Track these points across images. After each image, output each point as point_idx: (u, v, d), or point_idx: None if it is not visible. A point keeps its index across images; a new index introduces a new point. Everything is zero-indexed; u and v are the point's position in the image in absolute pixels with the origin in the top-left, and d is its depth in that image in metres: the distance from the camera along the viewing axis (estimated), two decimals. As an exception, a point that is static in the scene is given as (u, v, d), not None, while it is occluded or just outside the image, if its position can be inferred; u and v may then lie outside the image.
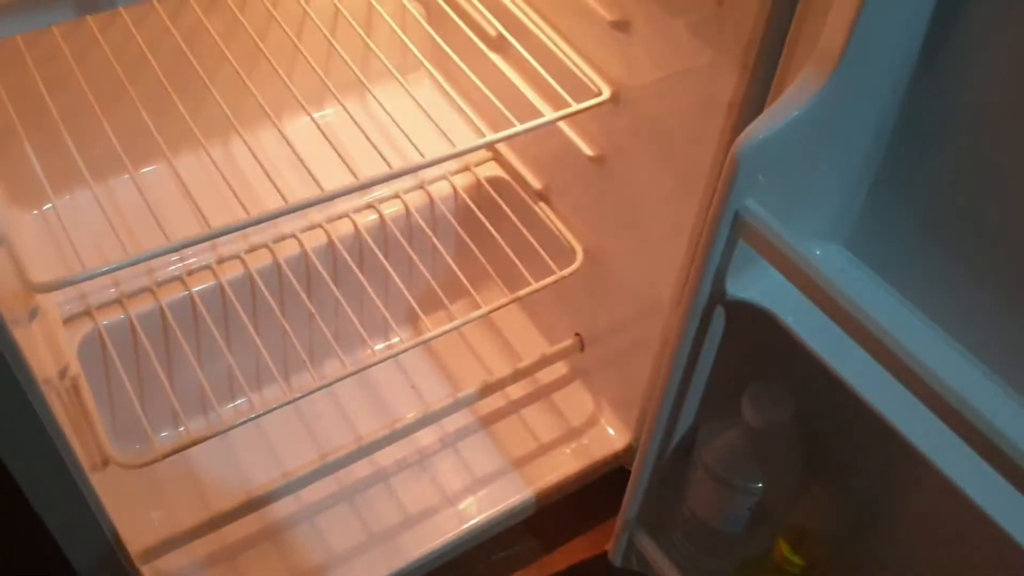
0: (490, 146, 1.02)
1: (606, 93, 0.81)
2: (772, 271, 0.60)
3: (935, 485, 0.63)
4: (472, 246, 0.96)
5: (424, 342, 0.88)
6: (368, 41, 0.86)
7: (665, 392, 0.71)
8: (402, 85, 0.82)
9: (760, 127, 0.57)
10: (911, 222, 0.63)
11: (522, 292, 0.91)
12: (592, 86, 0.82)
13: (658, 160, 0.82)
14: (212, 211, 0.71)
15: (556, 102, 0.83)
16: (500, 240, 0.96)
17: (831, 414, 0.73)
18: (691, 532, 0.82)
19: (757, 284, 0.64)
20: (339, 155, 0.76)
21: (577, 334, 1.03)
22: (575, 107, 0.80)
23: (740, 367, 0.73)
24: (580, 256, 0.94)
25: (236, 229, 0.72)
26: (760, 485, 0.73)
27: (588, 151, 0.88)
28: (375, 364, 0.87)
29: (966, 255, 0.61)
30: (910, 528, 0.74)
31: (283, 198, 0.72)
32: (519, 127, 0.79)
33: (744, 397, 0.71)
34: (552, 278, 0.92)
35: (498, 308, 0.90)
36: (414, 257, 0.95)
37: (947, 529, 0.71)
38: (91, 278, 0.66)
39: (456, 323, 0.89)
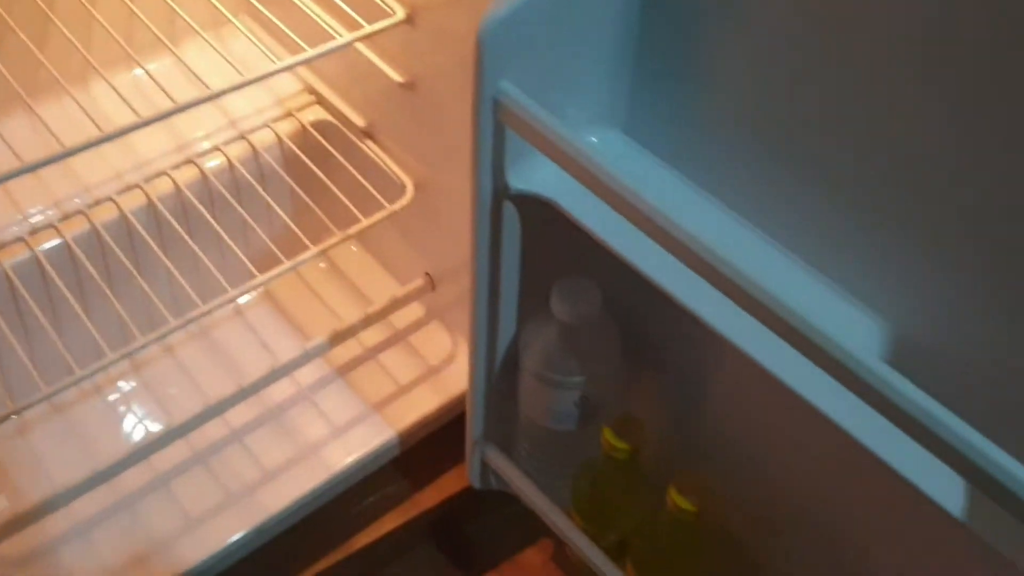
0: (310, 89, 1.01)
1: (400, 13, 0.80)
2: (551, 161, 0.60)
3: (736, 362, 0.64)
4: (303, 194, 0.95)
5: (258, 286, 0.87)
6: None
7: (475, 297, 0.71)
8: (202, 37, 0.80)
9: (500, 6, 0.56)
10: (676, 102, 0.64)
11: (352, 230, 0.90)
12: (385, 7, 0.81)
13: (463, 79, 0.81)
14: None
15: (355, 28, 0.82)
16: (331, 185, 0.94)
17: (643, 302, 0.73)
18: (533, 439, 0.83)
19: (539, 175, 0.64)
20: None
21: (427, 273, 1.02)
22: (368, 28, 0.80)
23: (552, 265, 0.73)
24: (410, 190, 0.93)
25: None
26: (580, 378, 0.73)
27: (397, 78, 0.87)
28: (209, 311, 0.85)
29: (736, 130, 0.62)
30: (722, 407, 0.75)
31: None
32: (311, 52, 0.77)
33: (552, 293, 0.71)
34: (382, 213, 0.91)
35: (330, 247, 0.89)
36: (243, 212, 0.93)
37: (751, 404, 0.72)
38: None
39: (288, 265, 0.87)
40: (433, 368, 1.02)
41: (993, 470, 0.42)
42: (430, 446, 0.99)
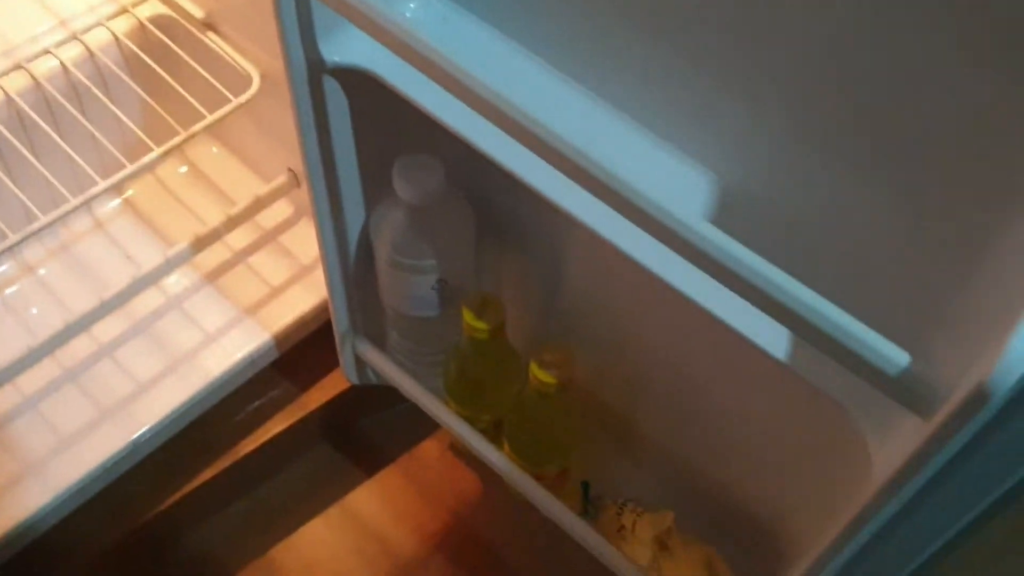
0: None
1: None
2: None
3: (584, 232, 0.63)
4: (147, 97, 0.90)
5: (101, 192, 0.83)
6: None
7: (311, 184, 0.69)
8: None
9: None
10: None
11: (197, 127, 0.86)
12: None
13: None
14: None
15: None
16: (175, 84, 0.90)
17: (489, 177, 0.71)
18: (400, 328, 0.81)
19: (357, 46, 0.61)
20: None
21: (290, 169, 0.99)
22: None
23: (393, 143, 0.70)
24: (256, 80, 0.89)
25: None
26: (434, 261, 0.72)
27: (227, -38, 0.82)
28: (54, 221, 0.81)
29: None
30: (579, 278, 0.74)
31: None
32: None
33: (393, 173, 0.69)
34: (228, 107, 0.87)
35: (174, 146, 0.85)
36: (84, 121, 0.89)
37: (605, 273, 0.72)
38: None
39: (132, 168, 0.84)
40: (306, 267, 0.99)
41: (804, 311, 0.42)
42: (312, 346, 0.98)
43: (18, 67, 0.88)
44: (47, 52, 0.90)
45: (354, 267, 0.78)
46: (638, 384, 0.78)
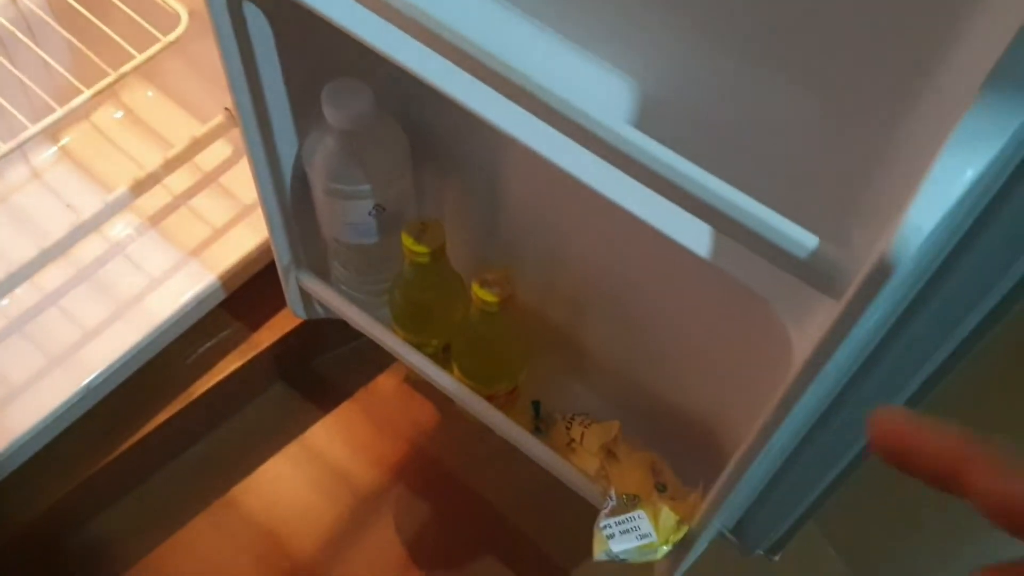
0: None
1: None
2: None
3: (517, 148, 0.64)
4: (76, 41, 0.89)
5: (31, 137, 0.82)
6: None
7: (241, 116, 0.68)
8: None
9: None
10: None
11: (126, 67, 0.85)
12: None
13: None
14: None
15: None
16: (102, 25, 0.88)
17: (418, 96, 0.71)
18: (342, 258, 0.82)
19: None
20: None
21: (226, 109, 0.98)
22: None
23: (320, 69, 0.70)
24: (185, 18, 0.88)
25: None
26: (368, 186, 0.72)
27: None
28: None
29: None
30: (517, 197, 0.75)
31: None
32: None
33: (322, 99, 0.69)
34: (156, 47, 0.86)
35: (104, 88, 0.84)
36: (8, 66, 0.87)
37: (541, 189, 0.72)
38: None
39: (61, 111, 0.83)
40: (248, 207, 0.99)
41: (717, 203, 0.43)
42: (259, 286, 0.98)
43: (-63, 14, 0.87)
44: (-34, -3, 0.88)
45: (291, 199, 0.78)
46: (580, 299, 0.79)
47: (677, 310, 0.70)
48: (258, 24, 0.64)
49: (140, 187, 0.93)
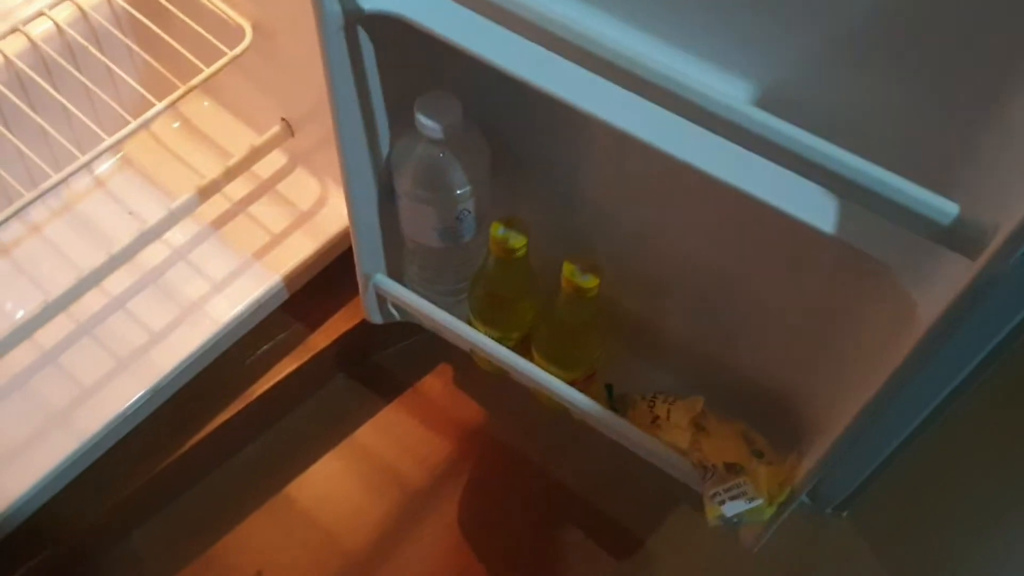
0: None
1: None
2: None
3: (606, 145, 0.67)
4: (143, 53, 0.93)
5: (108, 148, 0.86)
6: None
7: (339, 132, 0.72)
8: None
9: None
10: None
11: (195, 80, 0.89)
12: None
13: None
14: None
15: None
16: (169, 39, 0.92)
17: (506, 105, 0.75)
18: (422, 262, 0.86)
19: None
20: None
21: (283, 119, 1.02)
22: None
23: (411, 83, 0.74)
24: (249, 33, 0.92)
25: None
26: (457, 192, 0.76)
27: (218, -85, 0.84)
28: (63, 179, 0.84)
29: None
30: (597, 192, 0.79)
31: None
32: None
33: (415, 111, 0.72)
34: (223, 61, 0.90)
35: (176, 100, 0.88)
36: (82, 78, 0.91)
37: (626, 182, 0.76)
38: None
39: (135, 123, 0.86)
40: (305, 213, 1.03)
41: (862, 179, 0.47)
42: (317, 289, 1.02)
43: (15, 30, 0.90)
44: (41, 14, 0.91)
45: (378, 207, 0.82)
46: (658, 288, 0.83)
47: (765, 290, 0.74)
48: (365, 44, 0.67)
49: (202, 195, 0.97)
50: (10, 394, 0.91)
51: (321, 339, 1.03)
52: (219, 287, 0.98)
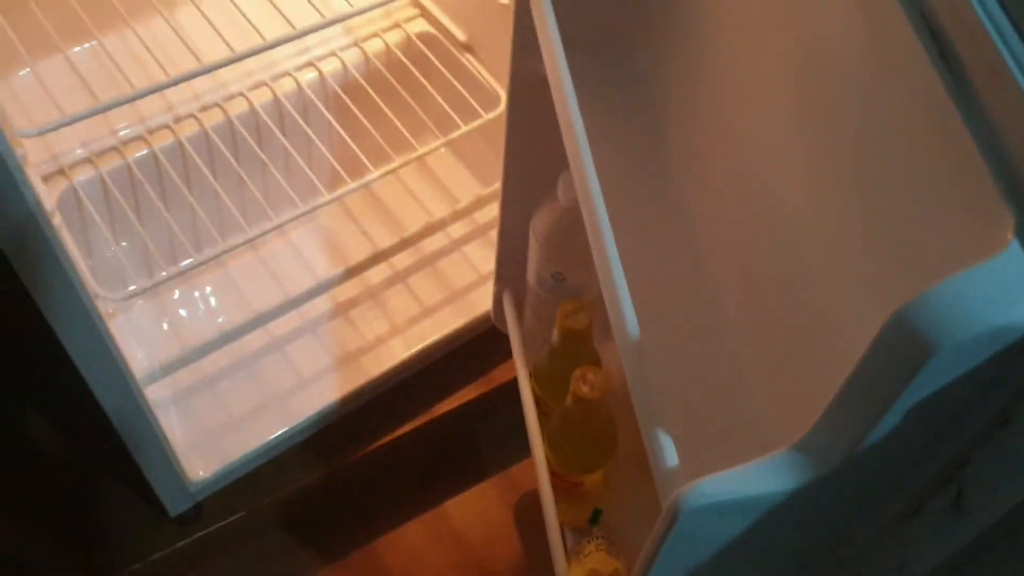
0: (416, 3, 1.11)
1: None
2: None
3: None
4: (408, 98, 1.06)
5: (367, 184, 0.99)
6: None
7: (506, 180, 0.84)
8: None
9: None
10: None
11: (454, 134, 1.01)
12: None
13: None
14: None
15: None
16: (432, 91, 1.05)
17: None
18: (530, 300, 0.93)
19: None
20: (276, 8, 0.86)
21: (507, 175, 1.14)
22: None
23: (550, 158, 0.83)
24: (503, 99, 1.04)
25: (189, 77, 0.83)
26: (571, 255, 0.84)
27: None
28: (325, 204, 0.97)
29: None
30: None
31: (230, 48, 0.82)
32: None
33: (559, 182, 0.82)
34: (479, 121, 1.02)
35: (432, 150, 1.01)
36: (355, 111, 1.04)
37: None
38: (73, 122, 0.76)
39: (394, 164, 0.99)
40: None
41: None
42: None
43: (309, 64, 1.05)
44: (333, 54, 1.06)
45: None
46: None
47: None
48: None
49: (429, 229, 1.09)
50: (238, 370, 1.04)
51: (501, 374, 1.14)
52: (425, 313, 1.10)
